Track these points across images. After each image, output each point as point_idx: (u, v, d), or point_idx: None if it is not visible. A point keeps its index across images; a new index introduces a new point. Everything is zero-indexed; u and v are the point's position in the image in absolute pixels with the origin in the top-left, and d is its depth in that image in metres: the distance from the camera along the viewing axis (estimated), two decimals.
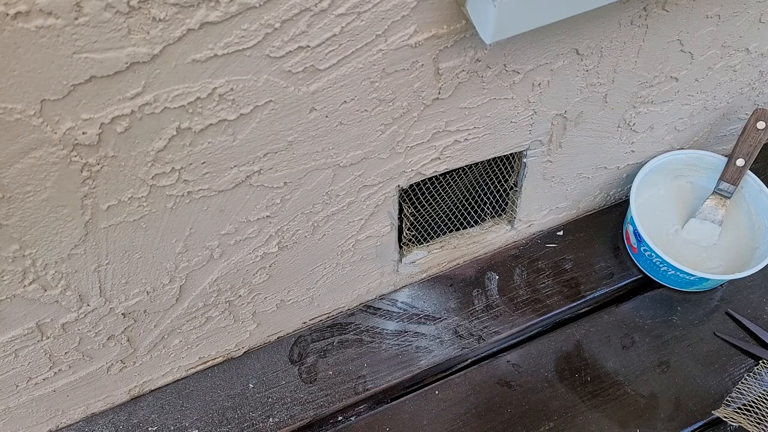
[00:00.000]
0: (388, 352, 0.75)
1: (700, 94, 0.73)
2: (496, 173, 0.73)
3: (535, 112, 0.64)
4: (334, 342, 0.76)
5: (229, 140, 0.49)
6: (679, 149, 0.81)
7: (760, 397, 0.70)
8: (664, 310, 0.77)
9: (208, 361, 0.74)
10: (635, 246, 0.78)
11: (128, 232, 0.52)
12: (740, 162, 0.76)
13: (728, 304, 0.78)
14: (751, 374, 0.73)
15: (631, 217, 0.76)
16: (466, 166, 0.67)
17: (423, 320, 0.77)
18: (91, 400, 0.70)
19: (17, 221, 0.47)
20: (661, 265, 0.75)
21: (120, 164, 0.47)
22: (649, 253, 0.74)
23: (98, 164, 0.46)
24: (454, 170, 0.68)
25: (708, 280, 0.73)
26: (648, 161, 0.79)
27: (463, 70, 0.54)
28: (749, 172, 0.77)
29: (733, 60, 0.71)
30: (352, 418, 0.72)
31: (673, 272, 0.74)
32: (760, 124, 0.75)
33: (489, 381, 0.73)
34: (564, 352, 0.75)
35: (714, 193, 0.78)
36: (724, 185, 0.77)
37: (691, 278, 0.73)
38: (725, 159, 0.78)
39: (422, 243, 0.78)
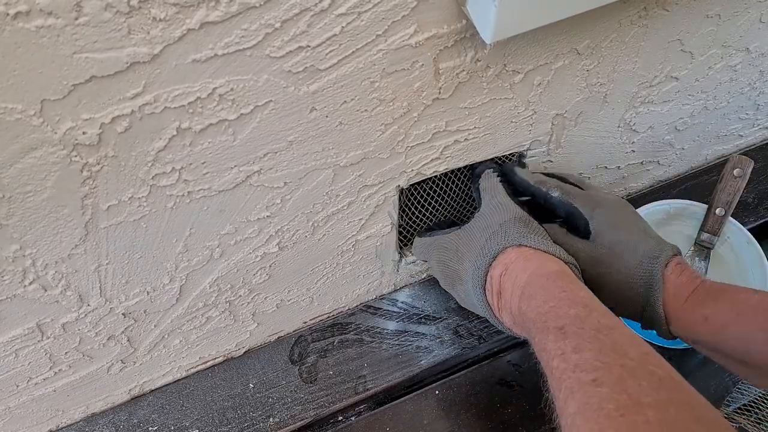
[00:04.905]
0: (389, 352, 0.75)
1: (701, 94, 0.73)
2: None
3: (535, 112, 0.64)
4: (334, 342, 0.76)
5: (230, 140, 0.49)
6: (665, 198, 0.77)
7: (760, 397, 0.70)
8: None
9: (208, 361, 0.74)
10: None
11: (128, 232, 0.52)
12: (720, 212, 0.74)
13: None
14: None
15: None
16: (467, 166, 0.67)
17: (423, 320, 0.77)
18: (91, 400, 0.70)
19: (17, 221, 0.47)
20: None
21: (120, 164, 0.47)
22: None
23: (98, 164, 0.46)
24: (455, 170, 0.68)
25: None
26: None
27: (464, 70, 0.54)
28: (735, 221, 0.74)
29: (734, 60, 0.71)
30: (353, 418, 0.72)
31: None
32: (737, 171, 0.72)
33: (489, 381, 0.73)
34: None
35: (696, 244, 0.76)
36: (706, 236, 0.75)
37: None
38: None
39: None
